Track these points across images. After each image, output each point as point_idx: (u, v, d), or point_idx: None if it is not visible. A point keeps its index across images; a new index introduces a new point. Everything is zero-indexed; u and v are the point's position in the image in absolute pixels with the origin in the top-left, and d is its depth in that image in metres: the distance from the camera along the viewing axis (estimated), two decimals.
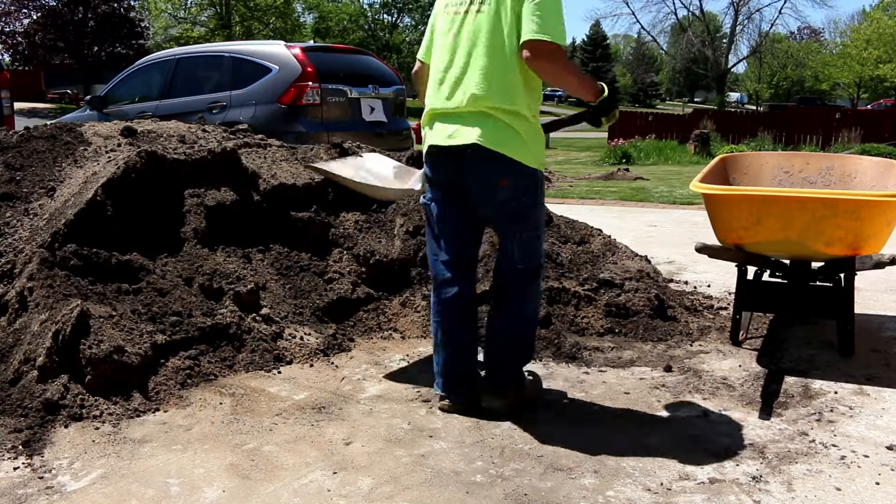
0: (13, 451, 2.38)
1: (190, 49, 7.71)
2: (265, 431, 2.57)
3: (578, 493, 2.18)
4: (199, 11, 40.26)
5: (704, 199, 3.41)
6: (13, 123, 10.00)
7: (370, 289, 3.72)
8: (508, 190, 2.55)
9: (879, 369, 3.18)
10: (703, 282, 4.63)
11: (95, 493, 2.17)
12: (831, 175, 4.09)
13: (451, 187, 2.65)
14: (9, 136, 3.96)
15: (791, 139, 17.52)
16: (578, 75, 2.63)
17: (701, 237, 3.32)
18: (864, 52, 46.15)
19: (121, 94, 7.57)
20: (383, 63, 7.78)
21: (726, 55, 39.16)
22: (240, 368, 3.05)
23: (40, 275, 2.95)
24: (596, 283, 3.83)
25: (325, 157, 4.18)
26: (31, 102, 31.07)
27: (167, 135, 4.23)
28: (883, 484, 2.22)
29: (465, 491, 2.18)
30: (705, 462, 2.36)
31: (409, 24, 52.95)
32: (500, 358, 2.72)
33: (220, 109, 6.58)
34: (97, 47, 34.82)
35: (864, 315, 3.91)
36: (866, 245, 3.20)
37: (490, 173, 2.53)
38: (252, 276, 3.48)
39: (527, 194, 2.60)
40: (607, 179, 11.80)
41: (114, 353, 2.71)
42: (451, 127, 2.56)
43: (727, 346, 3.48)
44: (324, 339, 3.36)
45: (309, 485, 2.22)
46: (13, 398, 2.61)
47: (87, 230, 3.21)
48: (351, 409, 2.78)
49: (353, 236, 3.94)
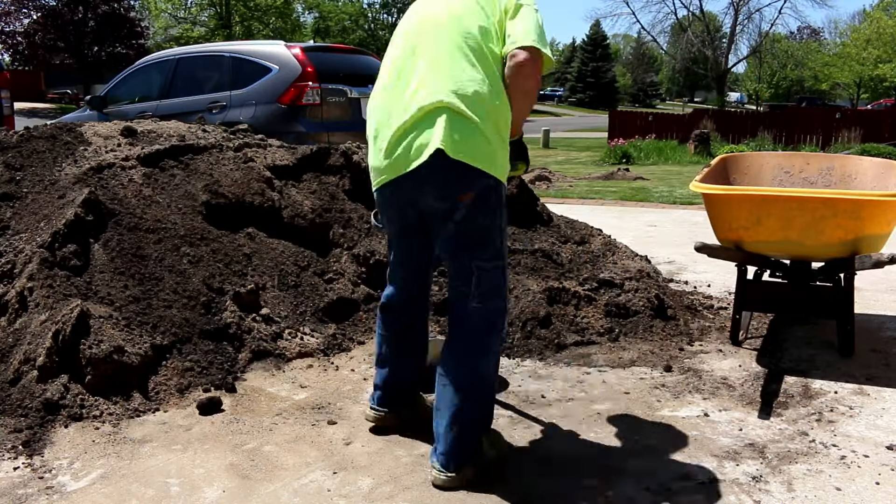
0: (13, 451, 2.38)
1: (190, 49, 7.71)
2: (265, 431, 2.57)
3: (578, 493, 2.18)
4: (199, 11, 40.26)
5: (704, 198, 3.41)
6: (13, 123, 10.00)
7: (370, 289, 3.72)
8: (467, 207, 2.19)
9: (879, 369, 3.18)
10: (703, 282, 4.63)
11: (95, 493, 2.17)
12: (831, 175, 4.10)
13: (409, 209, 2.33)
14: (9, 136, 3.96)
15: (791, 139, 17.52)
16: (531, 106, 2.37)
17: (701, 237, 3.32)
18: (863, 52, 46.15)
19: (121, 94, 7.57)
20: None
21: (726, 55, 39.12)
22: (240, 368, 3.05)
23: (40, 275, 2.95)
24: (596, 282, 3.83)
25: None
26: (31, 102, 31.08)
27: (167, 135, 4.23)
28: (883, 484, 2.22)
29: (466, 491, 2.18)
30: (705, 462, 2.36)
31: None
32: (451, 422, 2.22)
33: (220, 109, 6.58)
34: (97, 47, 34.81)
35: (864, 315, 3.91)
36: (866, 245, 3.20)
37: (449, 188, 2.19)
38: (252, 276, 3.48)
39: (488, 212, 2.22)
40: (607, 179, 11.80)
41: (114, 353, 2.71)
42: (412, 142, 2.20)
43: (727, 346, 3.48)
44: (324, 339, 3.36)
45: (309, 485, 2.22)
46: (13, 398, 2.61)
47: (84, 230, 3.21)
48: (351, 409, 2.78)
49: (353, 236, 3.94)
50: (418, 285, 2.53)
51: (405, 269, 2.50)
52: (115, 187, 3.56)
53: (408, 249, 2.47)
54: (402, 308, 2.52)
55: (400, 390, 2.57)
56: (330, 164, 4.26)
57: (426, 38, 2.30)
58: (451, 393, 2.23)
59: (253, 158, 4.09)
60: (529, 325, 3.45)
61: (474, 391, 2.25)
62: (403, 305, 2.52)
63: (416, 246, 2.44)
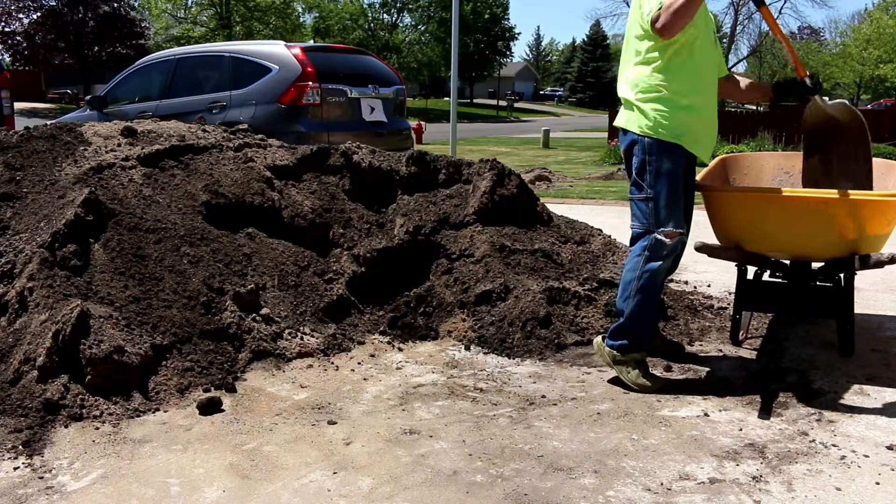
0: (13, 451, 2.38)
1: (190, 49, 7.70)
2: (265, 431, 2.57)
3: (578, 493, 2.18)
4: (200, 11, 40.28)
5: (704, 198, 3.41)
6: (13, 123, 10.00)
7: (370, 289, 3.72)
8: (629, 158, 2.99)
9: (879, 369, 3.18)
10: (703, 282, 4.63)
11: (95, 493, 2.17)
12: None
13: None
14: (9, 136, 3.96)
15: (791, 139, 17.50)
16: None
17: (701, 237, 3.32)
18: (864, 52, 46.13)
19: (121, 94, 7.57)
20: (383, 63, 7.78)
21: (726, 55, 39.12)
22: (240, 368, 3.05)
23: (40, 275, 2.95)
24: (596, 282, 3.83)
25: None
26: (31, 102, 31.12)
27: (167, 135, 4.23)
28: (883, 484, 2.22)
29: (465, 491, 2.18)
30: (705, 462, 2.36)
31: (409, 24, 53.01)
32: (617, 309, 3.10)
33: (220, 109, 6.58)
34: (97, 47, 34.83)
35: (864, 315, 3.91)
36: (866, 245, 3.20)
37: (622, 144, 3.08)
38: (252, 276, 3.48)
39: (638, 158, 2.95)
40: (607, 179, 11.79)
41: (114, 353, 2.71)
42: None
43: (727, 346, 3.48)
44: (324, 339, 3.36)
45: (309, 485, 2.22)
46: (13, 398, 2.61)
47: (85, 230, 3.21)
48: (351, 409, 2.78)
49: (353, 236, 3.94)
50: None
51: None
52: (115, 187, 3.56)
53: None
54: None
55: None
56: (330, 164, 4.26)
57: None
58: (620, 289, 3.01)
59: (253, 158, 4.10)
60: (530, 325, 3.45)
61: (634, 293, 2.94)
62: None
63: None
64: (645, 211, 2.95)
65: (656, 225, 2.92)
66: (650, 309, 2.99)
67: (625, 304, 2.97)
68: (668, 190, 2.91)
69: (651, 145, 2.92)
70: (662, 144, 2.90)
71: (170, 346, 2.95)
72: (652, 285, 2.94)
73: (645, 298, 2.94)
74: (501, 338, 3.44)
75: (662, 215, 2.91)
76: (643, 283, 2.93)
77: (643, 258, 2.94)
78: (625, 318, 2.97)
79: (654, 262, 2.92)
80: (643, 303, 2.94)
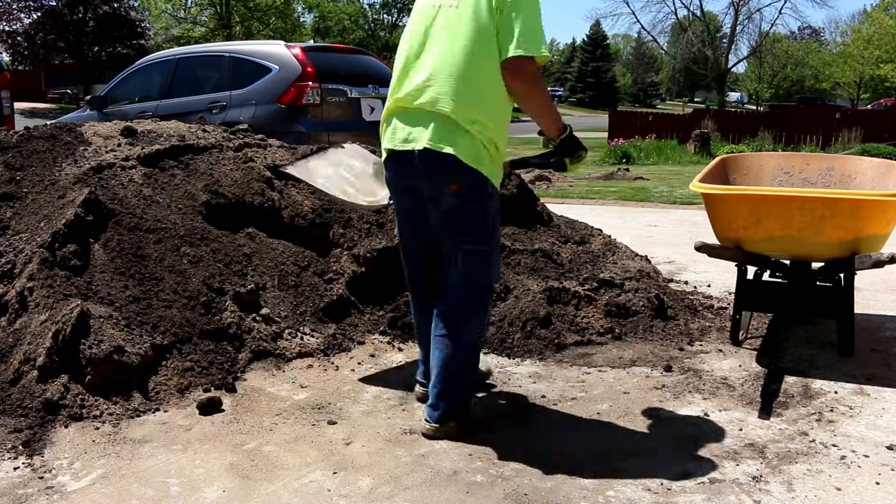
0: (13, 451, 2.38)
1: (190, 49, 7.71)
2: (265, 431, 2.57)
3: (578, 493, 2.18)
4: (199, 11, 40.25)
5: (704, 198, 3.41)
6: (13, 123, 10.00)
7: (370, 289, 3.72)
8: (455, 196, 2.42)
9: (879, 369, 3.18)
10: (703, 282, 4.63)
11: (95, 493, 2.17)
12: (831, 176, 4.10)
13: (407, 192, 2.61)
14: (9, 136, 3.96)
15: (791, 139, 17.50)
16: (548, 103, 2.53)
17: (701, 237, 3.32)
18: (864, 52, 46.14)
19: (121, 94, 7.57)
20: (383, 63, 7.78)
21: (726, 55, 39.10)
22: (240, 368, 3.05)
23: (40, 275, 2.95)
24: (596, 282, 3.83)
25: (298, 156, 4.02)
26: (31, 102, 31.09)
27: (167, 135, 4.23)
28: (883, 484, 2.22)
29: (465, 491, 2.18)
30: (705, 462, 2.36)
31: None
32: (439, 380, 2.53)
33: (220, 109, 6.58)
34: (97, 47, 34.81)
35: (864, 315, 3.91)
36: (866, 245, 3.20)
37: (438, 178, 2.42)
38: (252, 276, 3.48)
39: (474, 202, 2.44)
40: (607, 179, 11.79)
41: (114, 353, 2.71)
42: (408, 129, 2.45)
43: (727, 346, 3.48)
44: (324, 339, 3.36)
45: (309, 485, 2.22)
46: (13, 398, 2.61)
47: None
48: (351, 409, 2.78)
49: (353, 236, 3.94)
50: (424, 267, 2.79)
51: (407, 251, 2.81)
52: (115, 187, 3.56)
53: (408, 225, 2.73)
54: (415, 289, 2.83)
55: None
56: None
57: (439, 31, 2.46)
58: (440, 354, 2.54)
59: (253, 158, 4.09)
60: (529, 325, 3.45)
61: (457, 358, 2.53)
62: (415, 288, 2.82)
63: (416, 218, 2.67)
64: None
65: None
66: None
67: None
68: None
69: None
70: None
71: (170, 346, 2.95)
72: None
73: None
74: (501, 338, 3.44)
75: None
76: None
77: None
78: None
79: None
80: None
